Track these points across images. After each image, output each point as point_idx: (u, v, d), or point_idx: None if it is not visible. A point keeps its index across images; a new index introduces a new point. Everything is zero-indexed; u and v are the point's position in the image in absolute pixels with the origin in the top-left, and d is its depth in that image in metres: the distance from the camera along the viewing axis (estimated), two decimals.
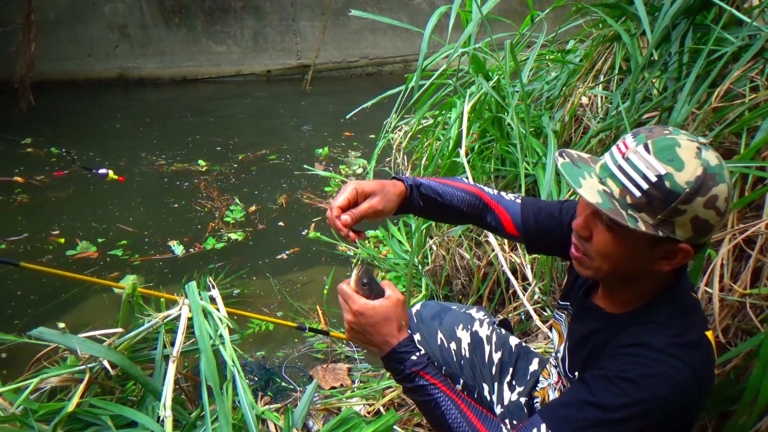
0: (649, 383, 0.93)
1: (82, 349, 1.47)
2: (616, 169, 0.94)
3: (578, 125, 2.41)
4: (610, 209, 0.92)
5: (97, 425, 1.50)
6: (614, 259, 1.00)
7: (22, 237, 3.51)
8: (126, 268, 3.25)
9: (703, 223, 0.91)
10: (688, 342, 0.96)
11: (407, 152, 3.84)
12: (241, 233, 3.65)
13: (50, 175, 4.24)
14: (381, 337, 1.07)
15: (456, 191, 1.29)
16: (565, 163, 1.00)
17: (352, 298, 1.08)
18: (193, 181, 4.34)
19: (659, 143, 0.91)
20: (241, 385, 1.48)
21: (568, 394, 1.03)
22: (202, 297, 1.63)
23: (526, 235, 1.31)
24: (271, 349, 2.63)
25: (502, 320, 1.71)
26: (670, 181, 0.89)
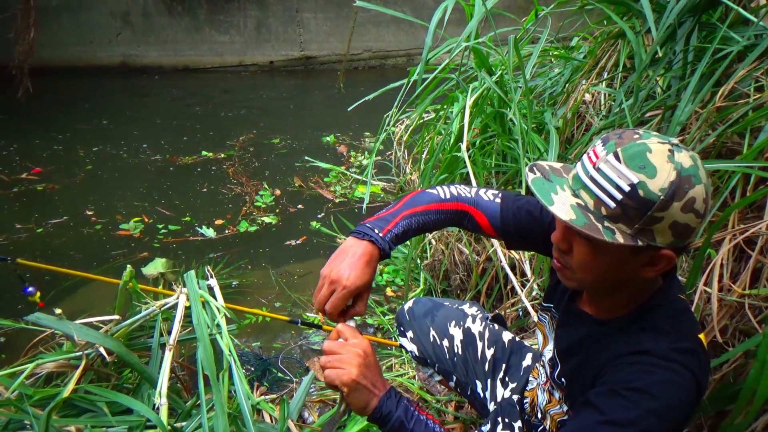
0: (659, 390, 0.90)
1: (79, 335, 1.47)
2: (588, 180, 0.91)
3: (581, 122, 2.40)
4: (585, 224, 0.89)
5: (92, 411, 1.50)
6: (596, 271, 0.97)
7: (62, 219, 3.62)
8: (158, 251, 3.34)
9: (682, 227, 0.88)
10: (686, 348, 0.95)
11: (408, 146, 3.84)
12: (274, 216, 3.76)
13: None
14: (382, 380, 1.02)
15: (433, 216, 1.23)
16: (536, 179, 0.96)
17: (361, 336, 1.02)
18: (210, 168, 4.41)
19: (629, 150, 0.88)
20: (237, 375, 1.48)
21: (577, 421, 0.97)
22: (201, 286, 1.63)
23: (504, 235, 1.29)
24: (268, 340, 2.63)
25: (495, 315, 1.70)
26: (643, 190, 0.86)
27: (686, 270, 1.65)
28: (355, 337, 1.03)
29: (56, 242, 3.41)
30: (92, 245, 3.39)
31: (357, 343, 1.01)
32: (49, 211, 3.70)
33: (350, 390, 0.98)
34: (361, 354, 1.00)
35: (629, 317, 1.03)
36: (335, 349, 1.00)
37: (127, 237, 3.49)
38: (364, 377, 0.99)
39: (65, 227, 3.57)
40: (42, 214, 3.66)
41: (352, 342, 1.01)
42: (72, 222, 3.62)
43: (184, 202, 3.93)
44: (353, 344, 1.01)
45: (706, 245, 1.50)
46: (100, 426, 1.44)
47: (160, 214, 3.75)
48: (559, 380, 1.15)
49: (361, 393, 0.99)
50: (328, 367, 0.99)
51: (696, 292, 1.53)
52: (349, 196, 4.01)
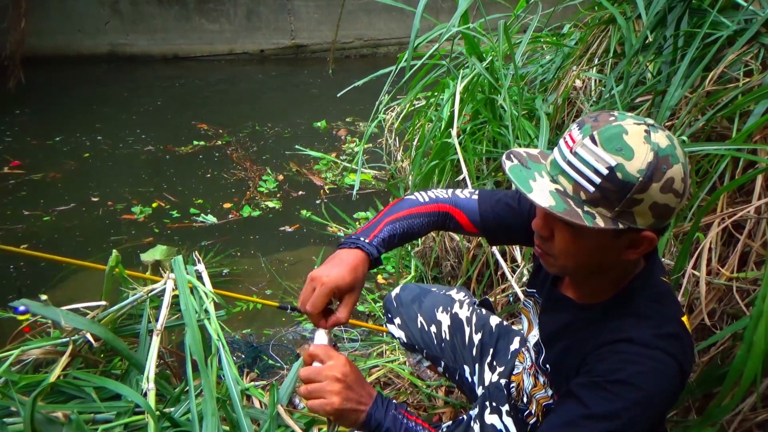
0: (641, 381, 0.90)
1: (65, 321, 1.46)
2: (566, 165, 0.90)
3: (571, 108, 2.40)
4: (565, 210, 0.88)
5: (80, 398, 1.49)
6: (579, 256, 0.97)
7: (70, 207, 3.63)
8: (160, 236, 3.35)
9: (662, 207, 0.88)
10: (669, 333, 0.94)
11: (399, 133, 3.82)
12: (277, 201, 3.77)
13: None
14: (367, 392, 1.00)
15: (415, 220, 1.24)
16: (513, 166, 0.95)
17: (334, 351, 0.99)
18: (213, 154, 4.42)
19: (605, 133, 0.87)
20: (225, 360, 1.47)
21: (560, 414, 0.97)
22: (189, 272, 1.62)
23: (484, 230, 1.29)
24: (258, 328, 2.63)
25: (483, 300, 1.70)
26: (621, 172, 0.85)
27: (675, 254, 1.66)
28: (330, 357, 0.98)
29: (64, 228, 3.41)
30: (98, 231, 3.39)
31: (333, 365, 0.97)
32: (55, 199, 3.70)
33: (336, 417, 0.97)
34: (340, 377, 0.96)
35: (612, 302, 1.02)
36: (312, 377, 0.96)
37: (132, 222, 3.48)
38: (347, 400, 0.96)
39: (72, 214, 3.56)
40: (48, 202, 3.66)
41: (329, 365, 0.97)
42: (80, 208, 3.63)
43: (187, 188, 3.93)
44: (330, 367, 0.96)
45: (695, 229, 1.50)
46: (87, 412, 1.43)
47: (165, 200, 3.74)
48: (544, 366, 1.15)
49: (348, 415, 0.97)
50: (309, 398, 0.97)
51: (684, 276, 1.54)
52: (339, 183, 4.00)
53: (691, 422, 1.47)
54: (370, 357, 2.30)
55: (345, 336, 2.54)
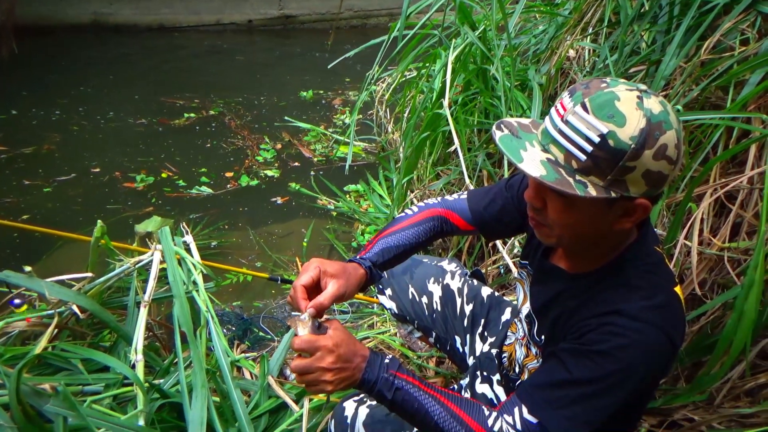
0: (622, 354, 0.91)
1: (50, 293, 1.43)
2: (557, 134, 0.89)
3: (564, 79, 2.37)
4: (556, 180, 0.87)
5: (67, 370, 1.48)
6: (573, 226, 0.96)
7: (70, 177, 3.56)
8: (161, 207, 3.32)
9: (656, 175, 0.86)
10: (659, 304, 0.94)
11: (390, 105, 3.77)
12: (276, 170, 3.75)
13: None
14: (359, 357, 1.00)
15: (408, 231, 1.26)
16: (504, 136, 0.93)
17: (319, 339, 0.98)
18: (210, 124, 4.36)
19: (597, 100, 0.85)
20: (215, 331, 1.46)
21: (544, 373, 1.00)
22: (176, 243, 1.59)
23: (480, 225, 1.30)
24: (248, 300, 2.61)
25: (474, 271, 1.70)
26: (613, 140, 0.83)
27: (667, 225, 1.65)
28: (316, 348, 0.97)
29: (65, 198, 3.36)
30: (98, 202, 3.35)
31: (320, 356, 0.96)
32: (54, 171, 3.64)
33: (334, 392, 0.99)
34: (328, 366, 0.96)
35: (603, 271, 1.02)
36: (303, 370, 0.97)
37: (132, 192, 3.45)
38: (340, 381, 0.97)
39: (73, 185, 3.51)
40: (48, 174, 3.60)
41: (316, 357, 0.96)
42: (81, 179, 3.57)
43: (186, 158, 3.88)
44: (317, 359, 0.96)
45: (687, 199, 1.49)
46: (75, 384, 1.42)
47: (166, 170, 3.70)
48: (538, 338, 1.15)
49: (344, 387, 0.99)
50: (305, 386, 0.99)
51: (676, 246, 1.53)
52: (329, 155, 3.96)
53: (680, 390, 1.48)
54: (361, 329, 2.30)
55: (335, 308, 2.53)
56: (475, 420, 0.98)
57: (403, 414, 1.01)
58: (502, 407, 1.01)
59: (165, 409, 1.38)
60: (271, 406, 1.52)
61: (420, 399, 0.99)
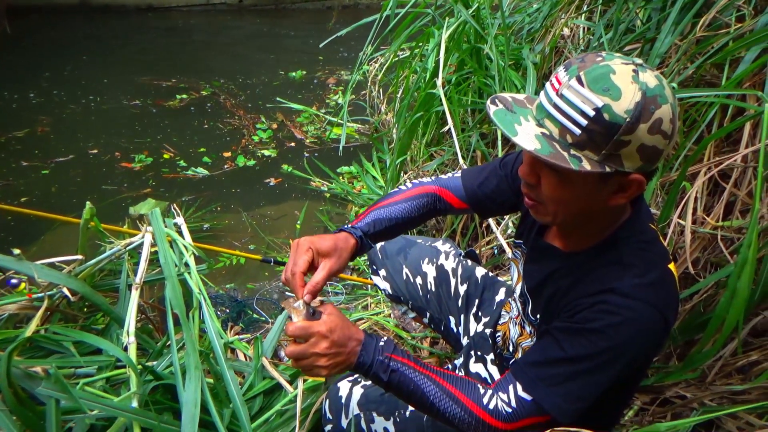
0: (615, 332, 0.91)
1: (40, 276, 1.41)
2: (552, 108, 0.88)
3: (559, 57, 2.35)
4: (550, 153, 0.86)
5: (60, 353, 1.46)
6: (567, 202, 0.95)
7: (68, 159, 3.54)
8: (159, 187, 3.31)
9: (650, 150, 0.86)
10: (652, 281, 0.94)
11: (383, 85, 3.74)
12: (273, 149, 3.74)
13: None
14: (353, 341, 0.99)
15: (401, 205, 1.26)
16: (498, 110, 0.92)
17: (313, 326, 0.97)
18: (205, 104, 4.33)
19: (592, 73, 0.84)
20: (207, 313, 1.45)
21: (537, 351, 1.00)
22: (167, 225, 1.58)
23: (474, 203, 1.30)
24: (241, 282, 2.61)
25: (468, 252, 1.69)
26: (608, 113, 0.82)
27: (660, 204, 1.65)
28: (311, 333, 0.96)
29: (64, 179, 3.34)
30: (96, 183, 3.32)
31: (314, 342, 0.95)
32: (51, 153, 3.61)
33: (329, 377, 1.00)
34: (322, 351, 0.96)
35: (597, 249, 1.01)
36: (299, 355, 0.96)
37: (128, 174, 3.42)
38: (335, 366, 0.97)
39: (71, 166, 3.49)
40: (45, 155, 3.57)
41: (311, 343, 0.96)
42: (78, 161, 3.55)
43: (182, 139, 3.85)
44: (311, 345, 0.96)
45: (681, 178, 1.49)
46: (67, 366, 1.41)
47: (164, 151, 3.67)
48: (533, 317, 1.15)
49: (339, 371, 0.99)
50: (301, 370, 0.99)
51: (670, 225, 1.53)
52: (321, 136, 3.93)
53: (672, 368, 1.49)
54: (355, 310, 2.30)
55: (330, 290, 2.53)
56: (470, 398, 0.99)
57: (399, 395, 1.02)
58: (497, 385, 1.01)
59: (159, 391, 1.37)
60: (265, 387, 1.52)
61: (415, 380, 0.99)
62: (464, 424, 0.99)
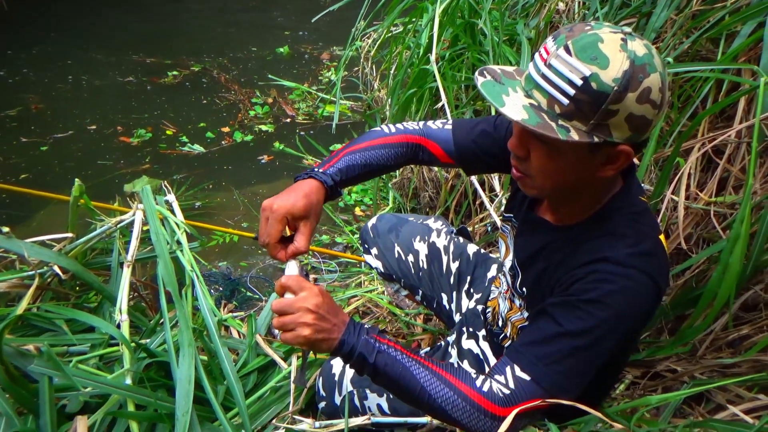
0: (612, 300, 0.91)
1: (30, 254, 1.40)
2: (540, 79, 0.87)
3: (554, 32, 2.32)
4: (538, 124, 0.85)
5: (52, 331, 1.46)
6: (556, 174, 0.94)
7: (67, 134, 3.50)
8: (159, 162, 3.31)
9: (639, 119, 0.85)
10: (645, 251, 0.94)
11: (376, 62, 3.70)
12: (270, 125, 3.71)
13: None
14: (341, 317, 0.97)
15: (379, 151, 1.21)
16: (486, 82, 0.91)
17: (306, 281, 0.95)
18: (200, 80, 4.29)
19: (580, 42, 0.83)
20: (200, 290, 1.45)
21: (533, 331, 0.98)
22: (158, 202, 1.56)
23: (461, 160, 1.27)
24: (235, 261, 2.60)
25: (460, 228, 1.69)
26: (596, 82, 0.82)
27: (654, 180, 1.65)
28: (302, 288, 0.94)
29: (63, 155, 3.31)
30: (93, 159, 3.30)
31: (305, 296, 0.93)
32: (50, 129, 3.56)
33: (309, 347, 0.94)
34: (312, 308, 0.92)
35: (588, 222, 1.01)
36: (284, 308, 0.93)
37: (126, 150, 3.40)
38: (319, 331, 0.93)
39: (68, 142, 3.46)
40: (44, 131, 3.53)
41: (301, 296, 0.93)
42: (76, 137, 3.51)
43: (180, 115, 3.81)
44: (302, 299, 0.93)
45: (675, 154, 1.49)
46: (60, 344, 1.40)
47: (164, 127, 3.64)
48: (521, 290, 1.15)
49: (320, 344, 0.94)
50: (282, 330, 0.94)
51: (663, 201, 1.53)
52: (313, 113, 3.89)
53: (663, 342, 1.50)
54: (348, 288, 2.31)
55: (323, 267, 2.53)
56: (464, 382, 0.95)
57: (387, 381, 0.97)
58: (492, 370, 0.99)
59: (152, 369, 1.37)
60: (259, 364, 1.52)
61: (404, 362, 0.95)
62: (458, 411, 0.94)
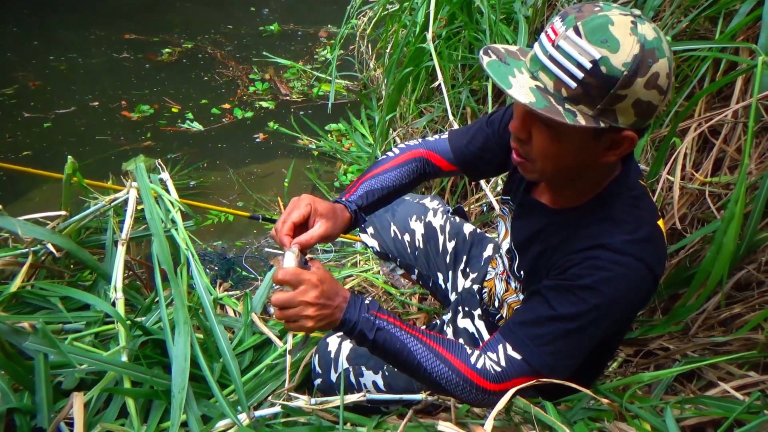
0: (605, 287, 0.91)
1: (23, 232, 1.39)
2: (547, 60, 0.85)
3: (551, 11, 2.30)
4: (545, 107, 0.83)
5: (47, 309, 1.46)
6: (557, 159, 0.93)
7: (70, 110, 3.46)
8: (159, 140, 3.29)
9: (645, 105, 0.84)
10: (643, 237, 0.94)
11: (372, 40, 3.66)
12: (272, 102, 3.70)
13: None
14: (340, 296, 0.97)
15: (392, 173, 1.24)
16: (491, 62, 0.89)
17: (304, 273, 0.94)
18: (197, 56, 4.23)
19: (590, 23, 0.82)
20: (195, 268, 1.44)
21: (527, 311, 0.99)
22: (152, 180, 1.55)
23: (462, 164, 1.29)
24: (230, 240, 2.60)
25: (456, 208, 1.69)
26: (606, 66, 0.80)
27: (650, 160, 1.65)
28: (301, 281, 0.93)
29: (64, 132, 3.29)
30: (93, 137, 3.27)
31: (304, 290, 0.92)
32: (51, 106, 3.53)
33: (314, 331, 0.96)
34: (312, 301, 0.92)
35: (586, 206, 1.01)
36: (285, 303, 0.93)
37: (128, 126, 3.38)
38: (322, 319, 0.94)
39: (71, 117, 3.43)
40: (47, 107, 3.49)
41: (300, 291, 0.92)
42: (79, 112, 3.48)
43: (180, 92, 3.77)
44: (301, 293, 0.92)
45: (672, 134, 1.48)
46: (55, 322, 1.41)
47: (168, 104, 3.62)
48: (518, 272, 1.15)
49: (323, 328, 0.96)
50: (285, 322, 0.95)
51: (659, 182, 1.54)
52: (310, 94, 3.86)
53: (656, 321, 1.52)
54: (344, 267, 2.31)
55: (319, 247, 2.53)
56: (458, 358, 0.98)
57: (386, 355, 0.99)
58: (485, 346, 1.01)
59: (148, 346, 1.37)
60: (255, 342, 1.53)
61: (402, 338, 0.97)
62: (451, 385, 0.97)
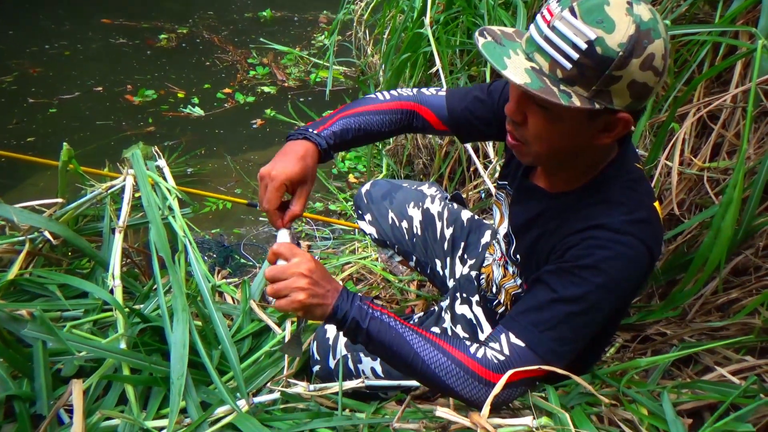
0: (607, 266, 0.91)
1: (20, 220, 1.39)
2: (543, 41, 0.84)
3: None
4: (540, 88, 0.83)
5: (45, 296, 1.46)
6: (552, 141, 0.93)
7: (74, 95, 3.48)
8: (161, 124, 3.31)
9: (641, 87, 0.84)
10: (640, 219, 0.94)
11: (369, 25, 3.63)
12: (273, 87, 3.70)
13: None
14: (333, 285, 0.96)
15: (374, 116, 1.20)
16: (487, 43, 0.88)
17: (300, 249, 0.94)
18: (195, 41, 4.18)
19: (586, 4, 0.81)
20: (193, 256, 1.44)
21: (529, 299, 0.98)
22: (149, 167, 1.54)
23: (455, 127, 1.26)
24: (228, 227, 2.60)
25: (454, 195, 1.69)
26: (601, 47, 0.80)
27: (648, 145, 1.64)
28: (295, 254, 0.93)
29: (69, 117, 3.29)
30: (96, 123, 3.28)
31: (298, 262, 0.92)
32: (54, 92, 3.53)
33: (303, 313, 0.94)
34: (305, 273, 0.92)
35: (584, 189, 1.00)
36: (277, 275, 0.92)
37: (131, 112, 3.38)
38: (313, 296, 0.92)
39: (76, 102, 3.44)
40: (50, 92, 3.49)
41: (293, 263, 0.92)
42: (83, 97, 3.50)
43: (181, 77, 3.77)
44: (295, 265, 0.92)
45: (670, 119, 1.48)
46: (53, 309, 1.40)
47: (172, 89, 3.63)
48: (515, 257, 1.15)
49: (314, 310, 0.94)
50: (275, 296, 0.93)
51: (657, 167, 1.53)
52: (307, 80, 3.84)
53: (654, 307, 1.52)
54: (342, 254, 2.31)
55: (317, 234, 2.53)
56: (458, 348, 0.96)
57: (381, 347, 0.97)
58: (487, 338, 0.99)
59: (147, 334, 1.37)
60: (253, 330, 1.53)
61: (397, 328, 0.96)
62: (451, 377, 0.94)
